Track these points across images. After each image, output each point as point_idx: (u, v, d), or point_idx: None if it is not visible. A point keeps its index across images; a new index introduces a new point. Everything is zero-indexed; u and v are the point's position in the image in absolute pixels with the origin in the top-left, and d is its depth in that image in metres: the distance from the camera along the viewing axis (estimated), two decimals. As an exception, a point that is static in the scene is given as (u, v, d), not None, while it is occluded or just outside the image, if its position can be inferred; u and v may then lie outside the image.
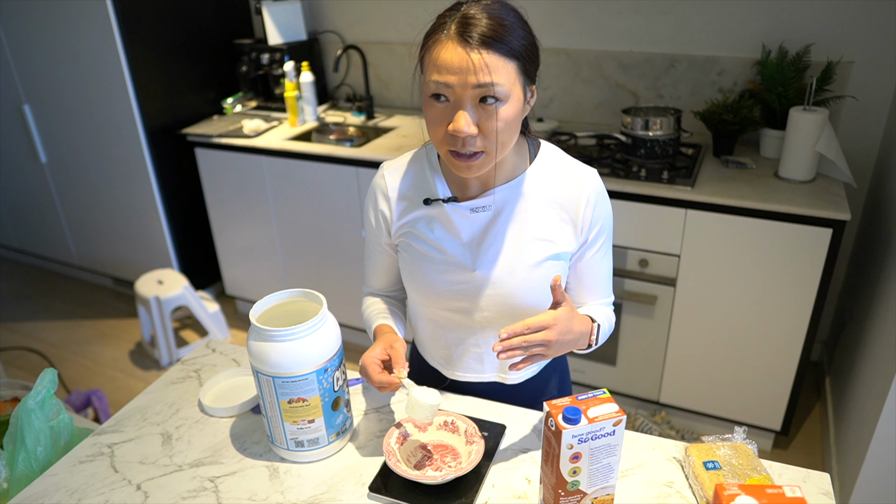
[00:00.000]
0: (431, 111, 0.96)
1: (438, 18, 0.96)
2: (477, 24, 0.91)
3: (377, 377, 1.02)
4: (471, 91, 0.92)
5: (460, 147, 0.95)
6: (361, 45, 2.95)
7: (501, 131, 0.95)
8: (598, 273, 1.14)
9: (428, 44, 0.95)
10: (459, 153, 0.97)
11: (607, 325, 1.14)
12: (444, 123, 0.95)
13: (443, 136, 0.96)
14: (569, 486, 0.89)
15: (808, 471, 1.02)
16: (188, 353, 1.45)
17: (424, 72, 0.96)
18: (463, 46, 0.90)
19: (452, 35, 0.92)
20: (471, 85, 0.91)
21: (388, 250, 1.19)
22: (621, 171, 2.18)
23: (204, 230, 3.18)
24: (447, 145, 0.97)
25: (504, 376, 1.20)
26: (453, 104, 0.94)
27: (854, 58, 2.20)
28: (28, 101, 3.10)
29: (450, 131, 0.94)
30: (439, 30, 0.94)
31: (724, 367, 2.19)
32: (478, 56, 0.90)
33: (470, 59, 0.90)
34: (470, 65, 0.90)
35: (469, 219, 1.08)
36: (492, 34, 0.90)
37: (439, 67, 0.92)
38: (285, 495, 1.02)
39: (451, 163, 0.99)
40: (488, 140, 0.95)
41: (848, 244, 2.48)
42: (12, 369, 2.89)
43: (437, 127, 0.97)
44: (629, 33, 2.50)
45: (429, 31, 0.96)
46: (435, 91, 0.94)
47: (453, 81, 0.91)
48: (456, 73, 0.91)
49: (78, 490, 1.04)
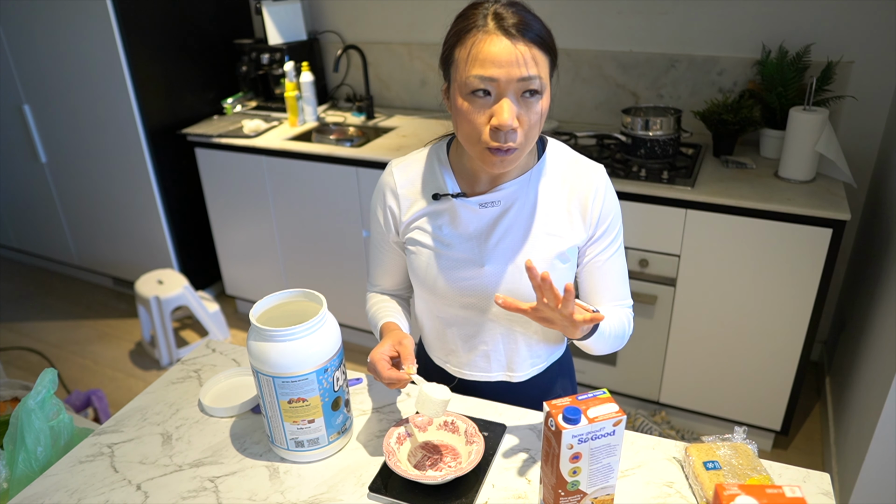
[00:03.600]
0: (471, 107, 0.94)
1: (462, 18, 0.95)
2: (515, 19, 0.91)
3: (386, 374, 1.01)
4: (515, 85, 0.91)
5: (502, 142, 0.94)
6: (361, 45, 2.95)
7: (535, 125, 0.95)
8: (610, 273, 1.11)
9: (462, 40, 0.94)
10: (496, 150, 0.95)
11: (617, 323, 1.10)
12: (484, 118, 0.94)
13: (481, 132, 0.95)
14: (569, 486, 0.89)
15: (808, 471, 1.02)
16: (188, 353, 1.45)
17: (458, 68, 0.95)
18: (509, 38, 0.90)
19: (493, 29, 0.91)
20: (516, 78, 0.91)
21: (396, 249, 1.18)
22: (621, 171, 2.18)
23: (204, 230, 3.18)
24: (488, 141, 0.95)
25: (511, 375, 1.19)
26: (495, 99, 0.93)
27: (854, 58, 2.20)
28: (28, 101, 3.10)
29: (494, 125, 0.93)
30: (474, 25, 0.93)
31: (724, 367, 2.19)
32: (525, 48, 0.90)
33: (517, 51, 0.90)
34: (518, 57, 0.90)
35: (477, 214, 1.08)
36: (530, 28, 0.91)
37: (483, 61, 0.91)
38: (285, 495, 1.02)
39: (487, 159, 0.97)
40: (526, 133, 0.95)
41: (848, 244, 2.48)
42: (12, 369, 2.89)
43: (475, 123, 0.95)
44: (629, 33, 2.50)
45: (459, 29, 0.95)
46: (479, 87, 0.92)
47: (499, 75, 0.91)
48: (503, 66, 0.90)
49: (78, 490, 1.04)
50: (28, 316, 3.35)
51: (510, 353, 1.17)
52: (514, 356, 1.17)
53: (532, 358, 1.18)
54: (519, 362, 1.17)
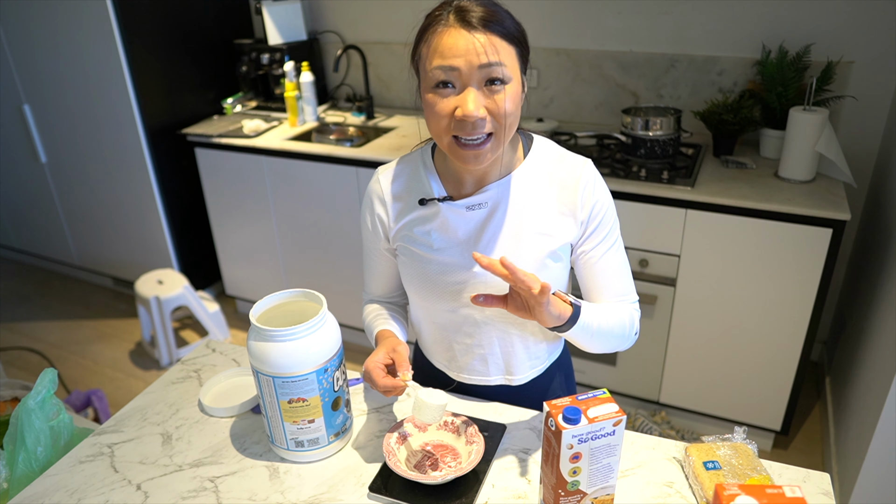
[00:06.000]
0: (435, 100, 0.95)
1: (429, 17, 0.97)
2: (474, 10, 0.92)
3: (382, 381, 1.01)
4: (477, 73, 0.92)
5: (469, 131, 0.94)
6: (361, 45, 2.95)
7: (508, 114, 0.95)
8: (608, 268, 1.09)
9: (425, 37, 0.95)
10: (466, 143, 0.95)
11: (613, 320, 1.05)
12: (449, 111, 0.94)
13: (447, 125, 0.95)
14: (569, 486, 0.89)
15: (808, 471, 1.02)
16: (188, 353, 1.45)
17: (423, 63, 0.96)
18: (466, 29, 0.92)
19: (452, 22, 0.93)
20: (477, 66, 0.91)
21: (387, 255, 1.18)
22: (621, 171, 2.18)
23: (204, 230, 3.18)
24: (454, 132, 0.95)
25: (510, 378, 1.19)
26: (459, 90, 0.94)
27: (854, 58, 2.20)
28: (28, 101, 3.10)
29: (458, 116, 0.93)
30: (435, 22, 0.94)
31: (724, 367, 2.19)
32: (482, 36, 0.91)
33: (475, 38, 0.91)
34: (476, 45, 0.91)
35: (465, 217, 1.07)
36: (491, 17, 0.92)
37: (443, 52, 0.92)
38: (285, 495, 1.02)
39: (458, 154, 0.97)
40: (497, 122, 0.95)
41: (848, 244, 2.48)
42: (12, 369, 2.89)
43: (441, 116, 0.95)
44: (629, 33, 2.50)
45: (423, 27, 0.97)
46: (440, 78, 0.93)
47: (459, 64, 0.91)
48: (461, 54, 0.91)
49: (78, 490, 1.04)
50: (28, 316, 3.35)
51: (507, 356, 1.16)
52: (512, 358, 1.16)
53: (531, 360, 1.18)
54: (517, 364, 1.17)
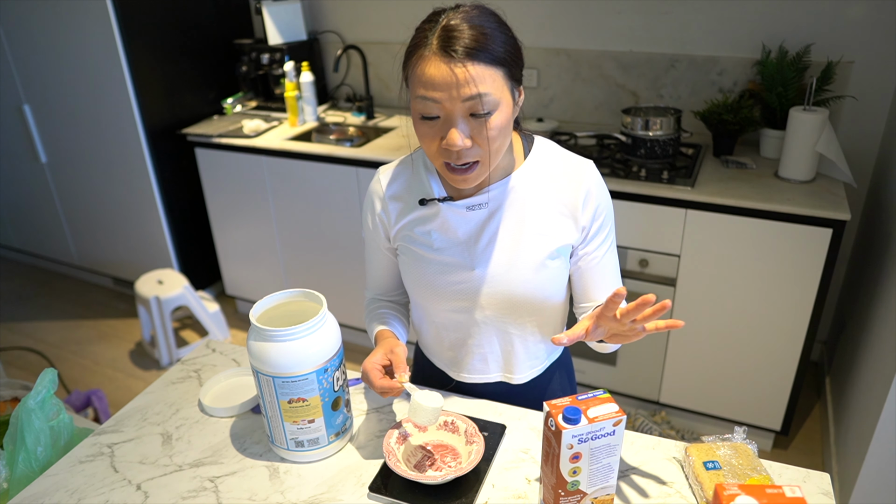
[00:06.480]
0: (422, 128, 0.96)
1: (418, 31, 0.95)
2: (459, 36, 0.89)
3: (379, 382, 1.02)
4: (460, 105, 0.91)
5: (455, 160, 0.96)
6: (361, 45, 2.95)
7: (494, 140, 0.95)
8: (606, 269, 1.12)
9: (412, 59, 0.94)
10: (455, 168, 0.97)
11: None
12: (436, 139, 0.96)
13: (436, 150, 0.97)
14: (569, 486, 0.89)
15: (808, 471, 1.02)
16: (188, 353, 1.45)
17: (410, 88, 0.96)
18: (446, 61, 0.89)
19: (435, 50, 0.90)
20: (459, 99, 0.91)
21: (388, 255, 1.19)
22: (621, 171, 2.18)
23: (204, 230, 3.18)
24: (442, 158, 0.97)
25: (510, 376, 1.19)
26: (444, 119, 0.94)
27: (854, 58, 2.20)
28: (28, 101, 3.10)
29: (443, 147, 0.95)
30: (421, 44, 0.92)
31: (724, 367, 2.19)
32: (462, 70, 0.89)
33: (454, 73, 0.89)
34: (455, 79, 0.89)
35: (465, 217, 1.07)
36: (475, 45, 0.89)
37: (425, 84, 0.92)
38: (285, 495, 1.02)
39: (448, 175, 1.00)
40: (482, 150, 0.95)
41: (848, 244, 2.48)
42: (12, 369, 2.89)
43: (429, 142, 0.97)
44: (629, 33, 2.50)
45: (410, 46, 0.95)
46: (424, 112, 0.94)
47: (441, 97, 0.91)
48: (442, 88, 0.90)
49: (78, 490, 1.04)
50: (28, 316, 3.35)
51: (507, 355, 1.17)
52: (511, 357, 1.17)
53: (530, 360, 1.18)
54: (517, 364, 1.17)
